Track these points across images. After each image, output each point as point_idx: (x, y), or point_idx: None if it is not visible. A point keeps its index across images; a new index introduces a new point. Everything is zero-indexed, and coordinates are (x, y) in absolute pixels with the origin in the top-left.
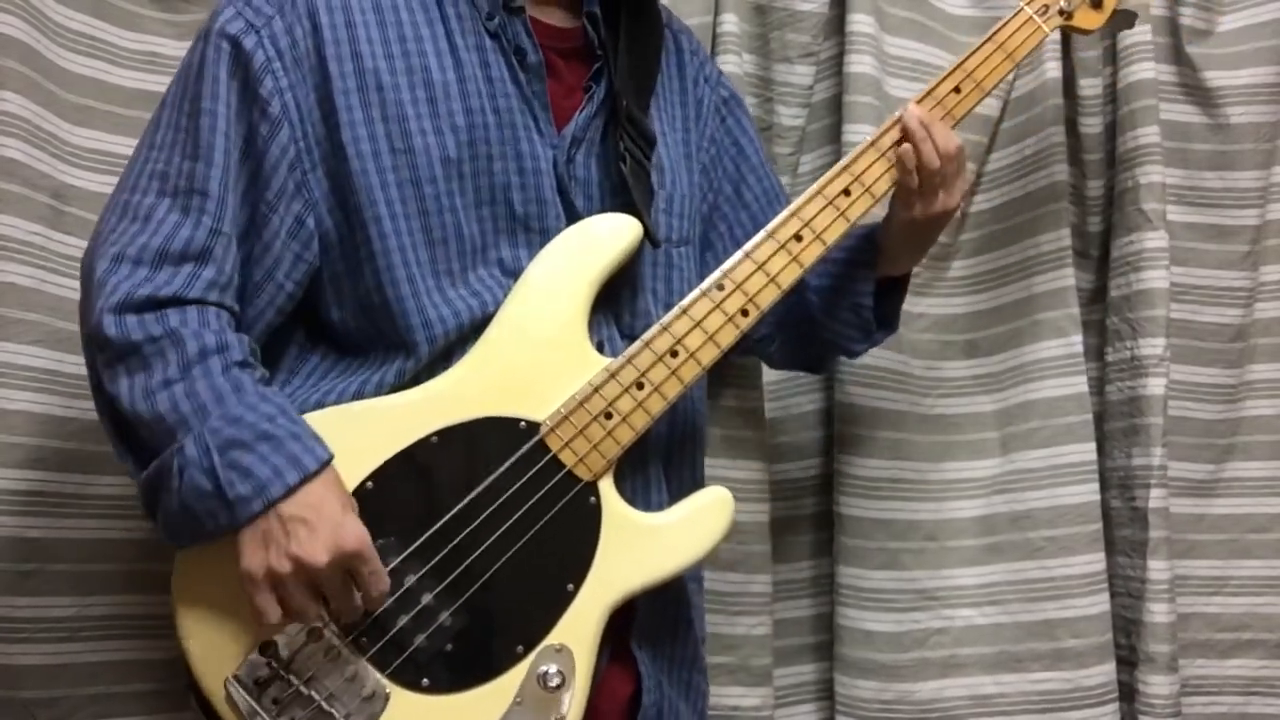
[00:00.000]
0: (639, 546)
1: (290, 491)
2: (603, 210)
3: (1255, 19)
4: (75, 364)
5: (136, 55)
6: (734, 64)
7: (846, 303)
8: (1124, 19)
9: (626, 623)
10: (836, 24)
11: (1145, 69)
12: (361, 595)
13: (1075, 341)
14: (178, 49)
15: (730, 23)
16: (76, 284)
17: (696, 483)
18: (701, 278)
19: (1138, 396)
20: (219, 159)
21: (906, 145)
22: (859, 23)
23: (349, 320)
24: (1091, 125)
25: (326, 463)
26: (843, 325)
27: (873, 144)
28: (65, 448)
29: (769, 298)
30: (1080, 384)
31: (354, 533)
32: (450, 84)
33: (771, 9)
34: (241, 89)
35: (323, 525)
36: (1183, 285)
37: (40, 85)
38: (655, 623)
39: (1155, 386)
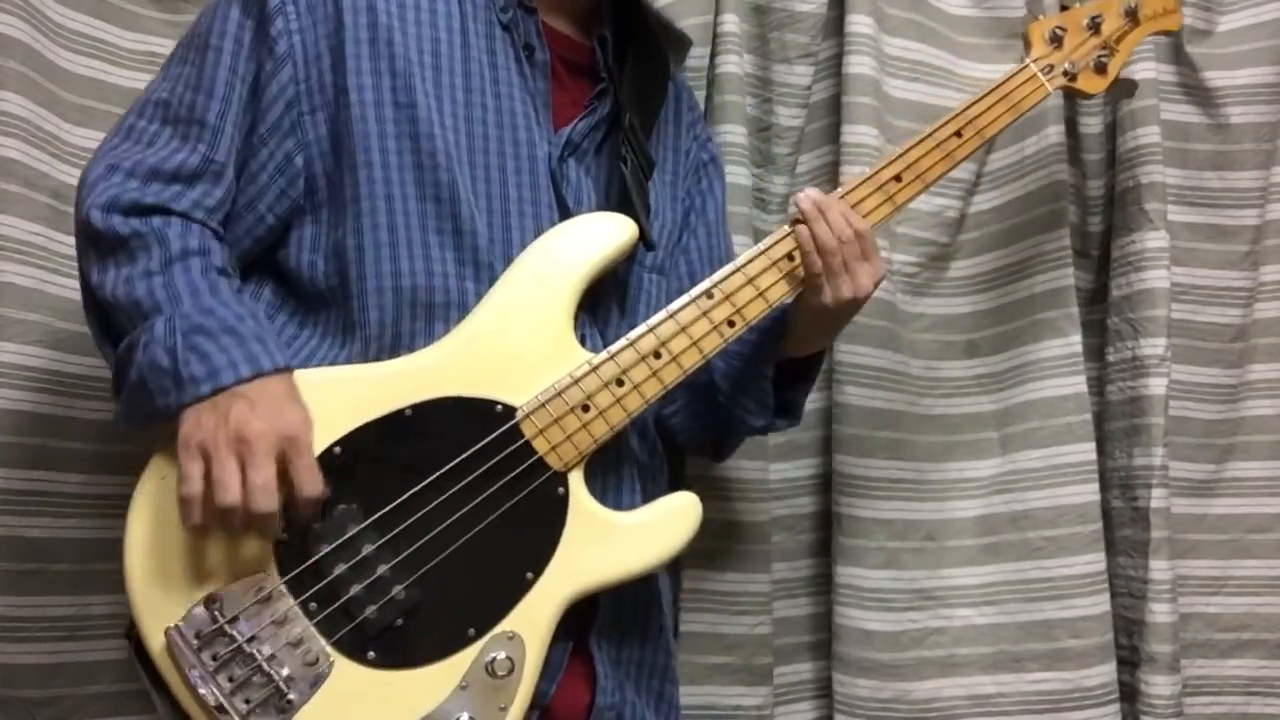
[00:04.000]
0: (603, 543)
1: (240, 382)
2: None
3: (1255, 19)
4: (75, 364)
5: (136, 55)
6: (733, 64)
7: (751, 378)
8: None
9: (589, 622)
10: (836, 24)
11: (1145, 69)
12: (293, 494)
13: (1075, 341)
14: None
15: (730, 23)
16: (76, 284)
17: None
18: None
19: (1139, 396)
20: (220, 91)
21: (801, 226)
22: (858, 23)
23: (319, 265)
24: (1091, 125)
25: (282, 370)
26: (746, 400)
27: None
28: (65, 448)
29: (756, 310)
30: (1080, 384)
31: (294, 419)
32: (456, 59)
33: (771, 9)
34: (255, 28)
35: (263, 405)
36: (1183, 285)
37: (40, 85)
38: (620, 624)
39: (1156, 386)
